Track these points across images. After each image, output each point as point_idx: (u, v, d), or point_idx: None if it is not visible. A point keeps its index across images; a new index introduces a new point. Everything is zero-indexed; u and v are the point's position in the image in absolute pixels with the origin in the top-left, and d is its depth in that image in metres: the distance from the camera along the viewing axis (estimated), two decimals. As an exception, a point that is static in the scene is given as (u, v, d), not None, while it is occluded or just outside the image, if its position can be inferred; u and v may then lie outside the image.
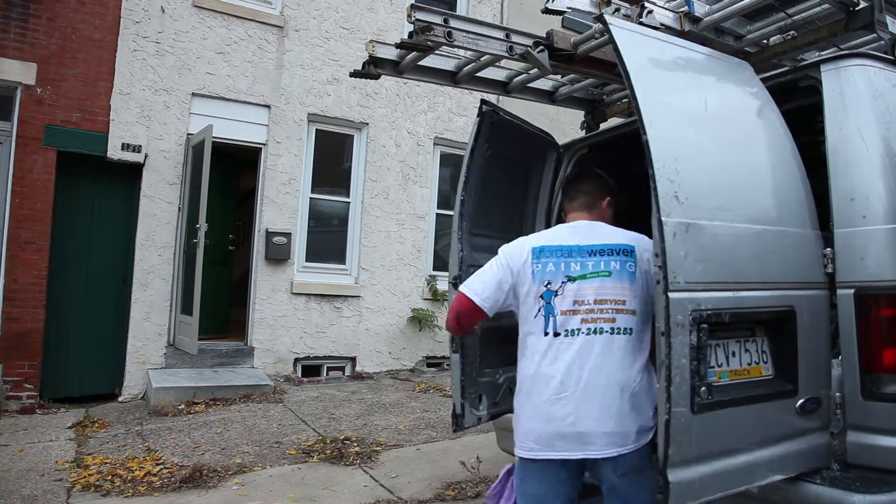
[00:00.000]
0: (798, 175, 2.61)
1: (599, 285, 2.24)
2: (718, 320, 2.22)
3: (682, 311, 2.12)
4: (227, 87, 7.69)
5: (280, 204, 7.95)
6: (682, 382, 2.11)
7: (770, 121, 2.64)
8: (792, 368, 2.42)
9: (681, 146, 2.27)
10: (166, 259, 7.32)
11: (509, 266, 2.35)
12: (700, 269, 2.19)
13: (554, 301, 2.25)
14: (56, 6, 6.81)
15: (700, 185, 2.27)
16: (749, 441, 2.27)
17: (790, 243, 2.47)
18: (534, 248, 2.34)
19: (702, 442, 2.16)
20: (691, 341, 2.13)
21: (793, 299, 2.42)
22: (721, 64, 2.77)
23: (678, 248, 2.12)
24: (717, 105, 2.57)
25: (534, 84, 4.33)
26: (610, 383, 2.18)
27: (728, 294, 2.27)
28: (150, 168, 7.24)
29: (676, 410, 2.09)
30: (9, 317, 6.50)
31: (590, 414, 2.16)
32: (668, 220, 2.09)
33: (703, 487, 2.14)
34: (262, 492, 4.23)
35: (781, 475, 2.30)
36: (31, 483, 4.36)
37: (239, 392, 6.74)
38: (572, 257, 2.28)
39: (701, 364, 2.16)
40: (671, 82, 2.51)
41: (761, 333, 2.50)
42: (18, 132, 6.60)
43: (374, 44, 3.76)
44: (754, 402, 2.33)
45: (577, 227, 2.42)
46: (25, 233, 6.59)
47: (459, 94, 9.24)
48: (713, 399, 2.18)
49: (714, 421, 2.19)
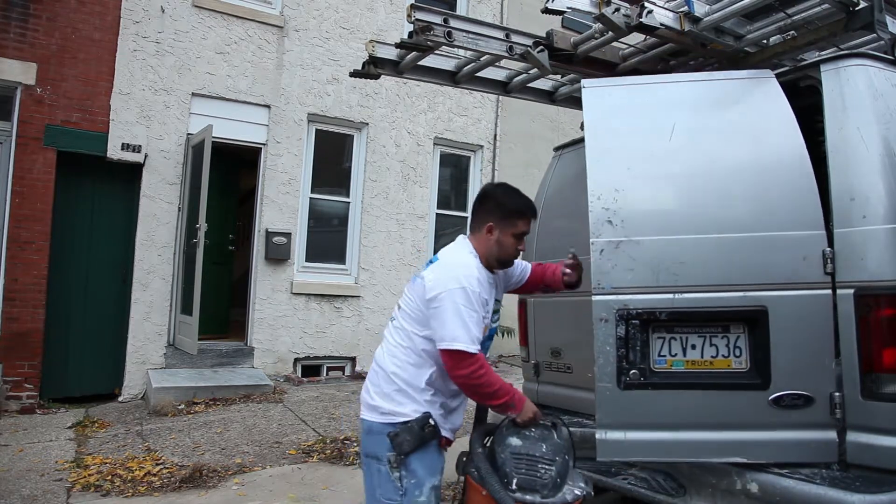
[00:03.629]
0: (781, 179, 2.65)
1: (407, 288, 2.52)
2: (653, 317, 2.66)
3: (606, 310, 2.69)
4: (227, 87, 7.69)
5: (280, 204, 7.95)
6: (606, 364, 2.69)
7: (742, 136, 2.79)
8: (765, 364, 2.55)
9: (625, 178, 2.76)
10: (166, 259, 7.32)
11: None
12: (629, 276, 2.67)
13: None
14: (56, 6, 6.80)
15: (640, 209, 2.73)
16: (699, 421, 2.59)
17: (760, 247, 2.59)
18: None
19: (630, 413, 2.66)
20: (618, 333, 2.66)
21: (765, 299, 2.56)
22: (695, 89, 2.95)
23: (605, 262, 2.69)
24: (684, 132, 2.83)
25: (534, 84, 4.32)
26: (379, 363, 2.46)
27: (664, 296, 2.65)
28: (149, 168, 7.24)
29: (601, 385, 2.70)
30: (9, 317, 6.50)
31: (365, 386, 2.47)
32: (596, 241, 2.71)
33: (632, 449, 2.66)
34: (262, 492, 4.23)
35: (741, 458, 2.52)
36: (30, 483, 4.36)
37: (239, 392, 6.74)
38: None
39: (630, 351, 2.67)
40: (630, 124, 2.91)
41: (737, 331, 2.66)
42: (18, 132, 6.60)
43: (374, 44, 3.77)
44: (710, 389, 2.62)
45: (454, 247, 2.61)
46: (25, 233, 6.59)
47: (459, 94, 9.25)
48: (646, 381, 2.65)
49: (647, 398, 2.66)
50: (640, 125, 2.91)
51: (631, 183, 2.75)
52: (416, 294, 2.40)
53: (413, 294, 2.42)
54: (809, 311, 2.55)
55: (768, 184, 2.67)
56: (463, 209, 9.56)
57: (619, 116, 2.94)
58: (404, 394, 2.35)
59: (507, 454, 2.31)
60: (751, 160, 2.73)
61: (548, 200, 4.15)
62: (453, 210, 9.54)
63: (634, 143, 2.85)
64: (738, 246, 2.62)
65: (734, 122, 2.83)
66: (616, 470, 3.13)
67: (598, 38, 3.45)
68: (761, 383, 2.56)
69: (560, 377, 3.87)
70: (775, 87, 2.78)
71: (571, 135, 4.99)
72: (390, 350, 2.43)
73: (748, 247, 2.61)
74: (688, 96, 2.94)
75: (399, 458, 2.28)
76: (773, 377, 2.54)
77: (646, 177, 2.80)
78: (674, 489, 2.82)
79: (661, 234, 2.69)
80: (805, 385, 2.51)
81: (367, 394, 2.42)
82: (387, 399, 2.35)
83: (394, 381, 2.36)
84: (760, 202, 2.66)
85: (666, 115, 2.88)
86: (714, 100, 2.92)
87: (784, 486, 2.39)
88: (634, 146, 2.85)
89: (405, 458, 2.29)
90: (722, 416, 2.58)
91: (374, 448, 2.34)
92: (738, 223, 2.64)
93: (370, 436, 2.36)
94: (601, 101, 2.96)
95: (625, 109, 2.97)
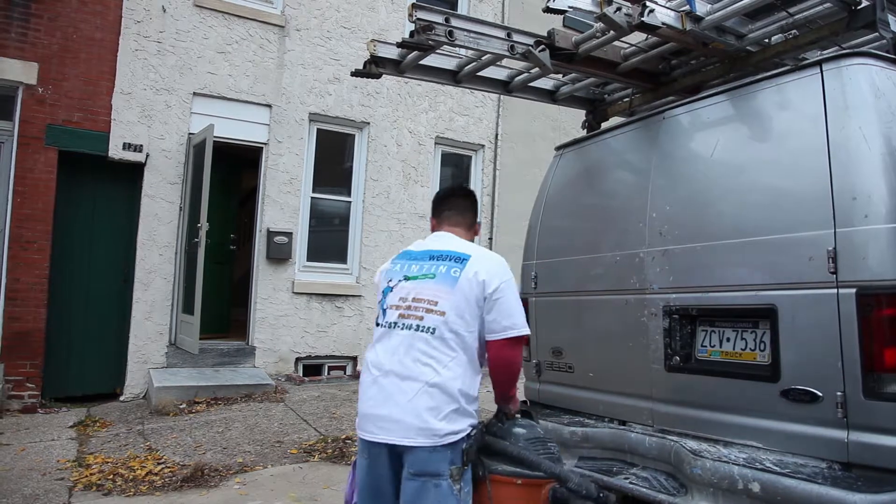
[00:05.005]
0: (788, 185, 2.75)
1: (422, 286, 2.35)
2: (686, 313, 3.11)
3: (655, 306, 3.22)
4: (229, 86, 7.69)
5: (281, 203, 7.96)
6: (656, 349, 3.20)
7: (738, 150, 3.02)
8: (776, 359, 2.70)
9: (672, 197, 3.25)
10: (167, 258, 7.32)
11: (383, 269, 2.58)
12: (671, 278, 3.16)
13: (388, 296, 2.41)
14: (57, 6, 6.81)
15: (677, 221, 3.17)
16: (726, 404, 2.89)
17: (768, 249, 2.75)
18: (402, 252, 2.57)
19: (675, 392, 3.12)
20: (664, 325, 3.17)
21: (774, 298, 2.72)
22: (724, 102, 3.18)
23: (654, 267, 3.24)
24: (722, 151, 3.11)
25: (535, 83, 4.31)
26: (404, 375, 2.24)
27: (695, 295, 3.07)
28: (151, 167, 7.24)
29: (653, 367, 3.21)
30: (11, 316, 6.51)
31: (386, 400, 2.24)
32: (649, 250, 3.28)
33: (678, 422, 3.07)
34: (264, 491, 4.23)
35: (756, 443, 2.74)
36: (32, 482, 4.37)
37: (240, 391, 6.75)
38: (415, 260, 2.44)
39: (673, 340, 3.13)
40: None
41: (764, 327, 2.79)
42: (20, 132, 6.61)
43: (376, 43, 3.76)
44: (735, 378, 2.88)
45: (435, 238, 2.57)
46: (27, 232, 6.60)
47: (461, 94, 9.25)
48: (686, 366, 3.09)
49: (687, 381, 3.08)
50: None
51: (675, 199, 3.23)
52: (455, 290, 2.28)
53: (452, 292, 2.28)
54: (815, 311, 2.55)
55: (782, 186, 2.77)
56: (464, 209, 9.55)
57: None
58: (462, 412, 2.25)
59: (522, 443, 2.34)
60: (769, 163, 2.87)
61: (549, 200, 4.15)
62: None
63: (674, 172, 3.31)
64: (751, 249, 2.82)
65: (757, 129, 3.01)
66: (617, 469, 3.13)
67: (599, 38, 3.45)
68: (772, 376, 2.70)
69: (561, 376, 3.87)
70: (797, 86, 2.80)
71: (573, 134, 4.98)
72: (443, 363, 2.25)
73: (760, 249, 2.78)
74: (724, 112, 3.16)
75: (461, 469, 2.20)
76: (782, 372, 2.67)
77: (676, 196, 3.23)
78: (675, 489, 2.83)
79: (691, 243, 3.09)
80: (812, 382, 2.53)
81: (417, 419, 2.18)
82: (448, 420, 2.20)
83: (458, 400, 2.23)
84: (773, 205, 2.77)
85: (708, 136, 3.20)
86: (739, 110, 3.09)
87: (786, 486, 2.39)
88: (676, 175, 3.30)
89: (465, 468, 2.22)
90: (743, 402, 2.82)
91: (435, 466, 2.17)
92: (753, 227, 2.84)
93: (431, 455, 2.17)
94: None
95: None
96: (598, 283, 3.64)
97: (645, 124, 3.58)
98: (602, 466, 3.22)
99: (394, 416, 2.21)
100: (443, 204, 2.71)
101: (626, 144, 3.72)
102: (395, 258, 2.56)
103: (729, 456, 2.70)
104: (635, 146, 3.63)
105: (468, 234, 2.59)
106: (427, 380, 2.22)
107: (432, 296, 2.31)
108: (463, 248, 2.44)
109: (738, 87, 3.11)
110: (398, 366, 2.26)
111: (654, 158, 3.42)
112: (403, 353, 2.27)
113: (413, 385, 2.22)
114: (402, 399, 2.21)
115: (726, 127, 3.14)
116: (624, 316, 3.42)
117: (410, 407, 2.19)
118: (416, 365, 2.25)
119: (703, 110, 3.25)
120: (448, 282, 2.31)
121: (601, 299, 3.64)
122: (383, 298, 2.43)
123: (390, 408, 2.22)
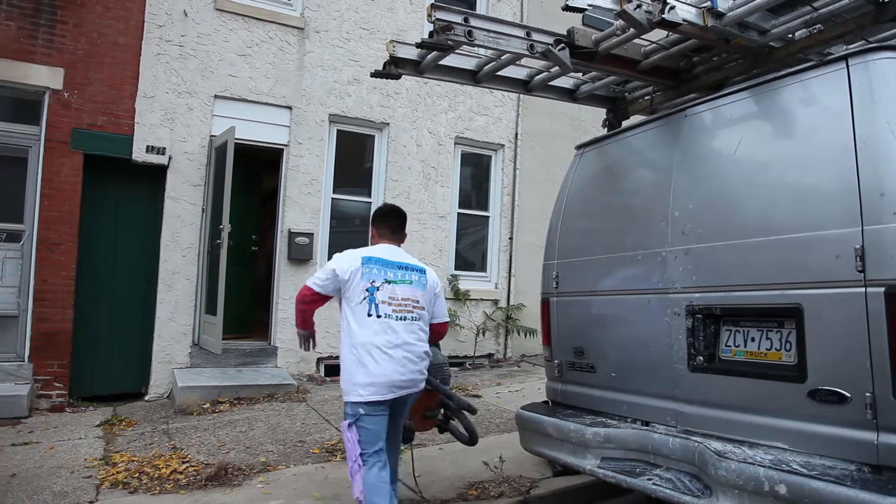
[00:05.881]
0: (813, 182, 2.72)
1: (404, 289, 3.44)
2: (710, 312, 3.09)
3: (678, 306, 3.21)
4: (249, 88, 7.76)
5: (302, 204, 8.00)
6: (679, 349, 3.18)
7: (759, 151, 3.02)
8: (803, 359, 2.68)
9: (694, 195, 3.23)
10: (190, 260, 7.40)
11: (341, 266, 3.39)
12: (694, 277, 3.15)
13: (376, 294, 3.36)
14: (82, 12, 6.91)
15: (701, 219, 3.16)
16: (751, 405, 2.86)
17: (793, 247, 2.71)
18: (366, 256, 3.44)
19: (698, 392, 3.10)
20: (687, 325, 3.15)
21: (800, 297, 2.69)
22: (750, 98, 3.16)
23: (677, 266, 3.23)
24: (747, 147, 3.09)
25: (555, 82, 4.30)
26: (409, 351, 3.35)
27: (718, 294, 3.05)
28: (173, 170, 7.33)
29: (676, 367, 3.20)
30: (39, 317, 6.62)
31: (396, 370, 3.29)
32: (671, 249, 3.27)
33: (702, 423, 3.05)
34: (287, 490, 4.26)
35: (782, 444, 2.71)
36: (61, 479, 4.44)
37: (263, 391, 6.80)
38: (390, 268, 3.45)
39: (696, 340, 3.12)
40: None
41: (790, 326, 2.76)
42: (47, 136, 6.72)
43: (395, 44, 3.78)
44: (760, 378, 2.86)
45: (392, 249, 3.58)
46: (54, 234, 6.71)
47: (480, 94, 9.23)
48: (710, 366, 3.07)
49: (711, 381, 3.06)
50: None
51: (697, 197, 3.21)
52: (426, 292, 3.53)
53: (422, 291, 3.50)
54: (843, 310, 2.51)
55: (808, 183, 2.74)
56: (484, 208, 9.55)
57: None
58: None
59: (430, 367, 3.59)
60: (794, 160, 2.84)
61: (570, 199, 4.13)
62: (474, 209, 9.53)
63: (699, 170, 3.31)
64: (776, 247, 2.78)
65: (781, 125, 2.99)
66: (641, 470, 3.11)
67: (619, 36, 3.43)
68: (799, 377, 2.68)
69: (583, 377, 3.85)
70: (822, 82, 2.76)
71: (593, 133, 4.96)
72: (424, 339, 3.48)
73: (785, 247, 2.74)
74: (747, 109, 3.13)
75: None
76: (808, 372, 2.64)
77: (701, 196, 3.21)
78: (699, 490, 2.79)
79: (715, 241, 3.06)
80: (840, 382, 2.49)
81: (420, 374, 3.43)
82: (426, 369, 3.52)
83: (426, 359, 3.49)
84: (798, 202, 2.74)
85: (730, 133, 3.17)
86: (763, 106, 3.07)
87: (814, 488, 2.35)
88: (701, 172, 3.31)
89: None
90: (769, 403, 2.80)
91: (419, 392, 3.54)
92: (777, 225, 2.81)
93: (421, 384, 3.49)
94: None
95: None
96: (620, 282, 3.62)
97: (666, 122, 3.55)
98: (625, 467, 3.20)
99: (409, 376, 3.35)
100: (393, 220, 3.72)
101: (648, 142, 3.70)
102: (366, 260, 3.41)
103: (755, 457, 2.67)
104: (657, 144, 3.61)
105: (400, 245, 3.67)
106: (424, 351, 3.45)
107: (413, 296, 3.46)
108: (417, 263, 3.61)
109: (761, 84, 3.08)
110: (405, 345, 3.34)
111: (676, 156, 3.40)
112: (406, 335, 3.37)
113: (416, 356, 3.38)
114: (412, 366, 3.36)
115: (749, 124, 3.11)
116: (646, 316, 3.40)
117: (417, 370, 3.39)
118: (417, 343, 3.41)
119: (726, 107, 3.22)
120: (421, 287, 3.51)
121: (623, 299, 3.62)
122: (371, 295, 3.35)
123: (407, 374, 3.33)
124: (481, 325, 9.07)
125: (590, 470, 3.35)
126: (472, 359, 9.00)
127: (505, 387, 7.50)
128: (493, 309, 9.30)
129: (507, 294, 9.45)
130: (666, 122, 3.55)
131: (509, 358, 9.34)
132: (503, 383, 7.69)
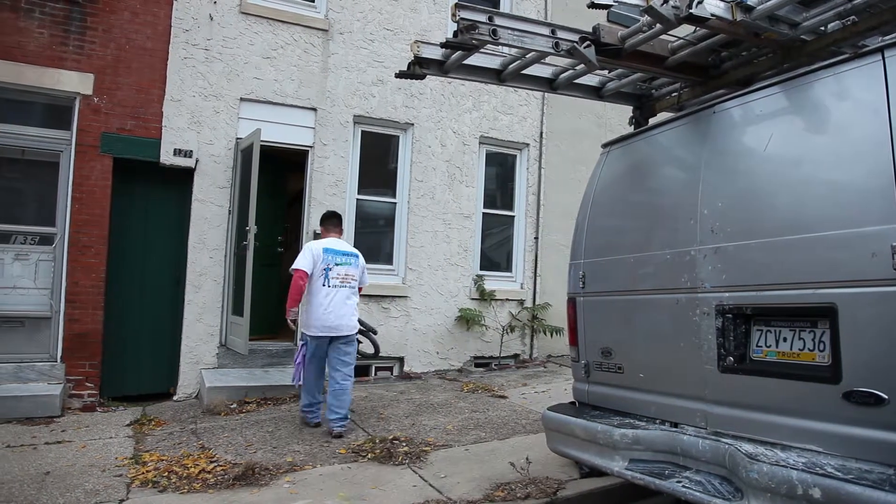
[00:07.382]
0: (848, 178, 2.66)
1: (346, 268, 5.65)
2: (740, 312, 3.03)
3: (707, 305, 3.16)
4: (274, 91, 7.82)
5: (327, 205, 8.01)
6: (709, 349, 3.14)
7: (793, 149, 2.96)
8: (837, 359, 2.62)
9: (724, 193, 3.19)
10: (217, 261, 7.48)
11: (313, 255, 5.56)
12: (724, 276, 3.09)
13: (329, 273, 5.55)
14: (111, 18, 7.03)
15: (731, 217, 3.10)
16: (783, 406, 2.81)
17: (827, 245, 2.65)
18: (324, 248, 5.62)
19: (729, 393, 3.05)
20: (717, 325, 3.11)
21: (834, 296, 2.62)
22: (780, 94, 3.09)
23: (706, 265, 3.19)
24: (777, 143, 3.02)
25: (580, 80, 4.26)
26: (346, 307, 5.57)
27: (749, 293, 2.99)
28: (200, 172, 7.42)
29: (706, 367, 3.15)
30: (71, 318, 6.75)
31: (338, 319, 5.51)
32: (700, 248, 3.22)
33: (733, 424, 3.01)
34: (313, 490, 4.28)
35: (815, 447, 2.65)
36: (93, 478, 4.51)
37: (289, 392, 6.84)
38: (339, 255, 5.65)
39: (727, 340, 3.06)
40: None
41: (824, 326, 2.70)
42: (77, 140, 6.85)
43: (419, 44, 3.77)
44: (793, 379, 2.80)
45: (337, 241, 5.81)
46: (85, 237, 6.83)
47: (504, 93, 9.20)
48: (741, 366, 3.01)
49: (742, 382, 3.00)
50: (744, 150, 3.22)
51: (730, 195, 3.16)
52: (357, 269, 5.75)
53: (355, 269, 5.71)
54: (879, 309, 2.45)
55: (842, 180, 2.68)
56: (509, 208, 9.51)
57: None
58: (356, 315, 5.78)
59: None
60: (827, 156, 2.78)
61: (596, 198, 4.09)
62: (499, 209, 9.50)
63: (737, 168, 3.21)
64: (808, 245, 2.72)
65: (813, 120, 2.93)
66: (670, 472, 3.06)
67: (646, 32, 3.38)
68: (833, 377, 2.60)
69: (611, 377, 3.81)
70: (857, 75, 2.69)
71: (619, 131, 4.90)
72: (354, 299, 5.69)
73: (818, 245, 2.68)
74: (778, 104, 3.07)
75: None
76: (843, 373, 2.58)
77: (734, 194, 3.16)
78: (730, 493, 2.74)
79: (745, 240, 3.00)
80: (876, 383, 2.42)
81: (349, 322, 5.62)
82: (355, 320, 5.73)
83: (357, 312, 5.73)
84: (832, 199, 2.68)
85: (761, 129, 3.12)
86: (794, 101, 3.00)
87: (850, 492, 2.29)
88: (734, 171, 3.22)
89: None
90: (802, 405, 2.74)
91: (352, 338, 5.69)
92: (810, 223, 2.75)
93: (350, 334, 5.65)
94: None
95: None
96: (648, 281, 3.57)
97: (694, 119, 3.49)
98: (654, 469, 3.15)
99: (342, 323, 5.55)
100: (335, 220, 6.01)
101: (676, 140, 3.64)
102: (325, 249, 5.61)
103: (787, 460, 2.61)
104: (685, 141, 3.55)
105: (341, 236, 5.98)
106: (353, 305, 5.66)
107: (350, 273, 5.66)
108: (353, 250, 5.85)
109: (792, 78, 3.01)
110: (342, 302, 5.55)
111: (704, 154, 3.34)
112: (345, 298, 5.59)
113: (348, 309, 5.60)
114: (345, 317, 5.57)
115: (780, 119, 3.04)
116: (675, 315, 3.35)
117: (347, 319, 5.58)
118: (349, 300, 5.62)
119: (756, 103, 3.16)
120: (355, 267, 5.73)
121: (651, 298, 3.57)
122: (327, 272, 5.53)
123: (340, 320, 5.53)
124: (507, 325, 9.04)
125: (618, 472, 3.31)
126: (497, 359, 8.97)
127: (531, 387, 7.45)
128: (518, 309, 9.26)
129: (533, 294, 9.40)
130: (694, 118, 3.50)
131: (535, 358, 9.29)
132: (529, 384, 7.65)
